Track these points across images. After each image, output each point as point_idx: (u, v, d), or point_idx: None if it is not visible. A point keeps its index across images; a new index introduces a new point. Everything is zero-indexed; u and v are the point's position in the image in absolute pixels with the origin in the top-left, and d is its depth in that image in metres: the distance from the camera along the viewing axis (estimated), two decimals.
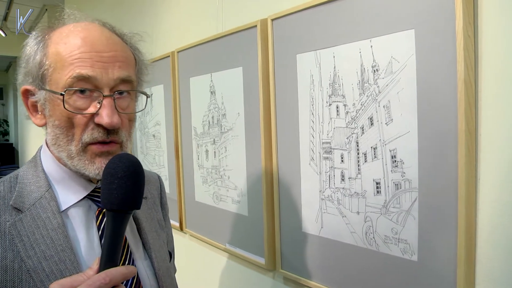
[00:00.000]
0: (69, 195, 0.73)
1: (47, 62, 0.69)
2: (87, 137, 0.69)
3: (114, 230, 0.60)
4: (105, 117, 0.67)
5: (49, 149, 0.75)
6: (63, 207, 0.72)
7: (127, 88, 0.72)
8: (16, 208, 0.68)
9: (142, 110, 0.79)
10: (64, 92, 0.67)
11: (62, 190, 0.73)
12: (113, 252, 0.59)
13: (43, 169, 0.73)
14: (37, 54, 0.70)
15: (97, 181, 0.76)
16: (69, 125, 0.69)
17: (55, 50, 0.69)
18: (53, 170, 0.74)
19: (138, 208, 0.62)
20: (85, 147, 0.69)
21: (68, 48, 0.68)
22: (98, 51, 0.68)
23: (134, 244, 0.80)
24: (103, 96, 0.68)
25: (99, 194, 0.75)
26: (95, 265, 0.59)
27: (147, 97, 0.78)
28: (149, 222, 0.86)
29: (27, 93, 0.72)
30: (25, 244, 0.65)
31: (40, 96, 0.71)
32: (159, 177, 1.02)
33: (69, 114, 0.68)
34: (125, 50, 0.74)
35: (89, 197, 0.74)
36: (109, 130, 0.69)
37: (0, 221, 0.66)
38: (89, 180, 0.74)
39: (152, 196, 0.94)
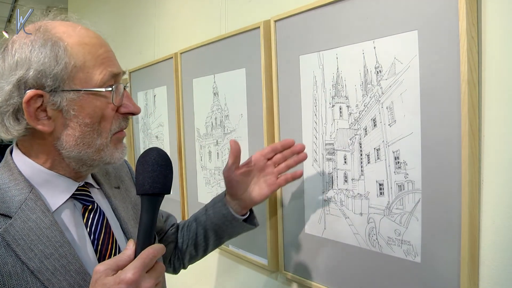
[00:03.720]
0: (54, 196, 0.73)
1: (72, 63, 0.67)
2: (116, 127, 0.74)
3: (153, 212, 0.67)
4: (134, 106, 0.76)
5: (27, 153, 0.73)
6: (52, 209, 0.72)
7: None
8: (3, 214, 0.66)
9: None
10: (113, 88, 0.71)
11: (46, 192, 0.72)
12: (150, 232, 0.67)
13: (19, 172, 0.71)
14: (50, 56, 0.66)
15: (81, 181, 0.78)
16: (99, 120, 0.71)
17: (78, 50, 0.68)
18: (33, 174, 0.72)
19: (169, 192, 0.70)
20: (111, 137, 0.74)
21: (91, 48, 0.70)
22: (109, 50, 0.74)
23: (118, 235, 0.81)
24: (124, 88, 0.75)
25: (83, 193, 0.77)
26: (132, 245, 0.65)
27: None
28: (125, 212, 0.86)
29: (32, 99, 0.66)
30: (22, 247, 0.65)
31: (57, 98, 0.67)
32: (125, 160, 1.01)
33: (103, 109, 0.71)
34: None
35: (72, 196, 0.75)
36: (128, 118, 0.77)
37: None
38: (73, 180, 0.75)
39: (123, 183, 0.93)
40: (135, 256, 0.64)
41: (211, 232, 1.02)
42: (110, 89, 0.71)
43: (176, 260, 1.07)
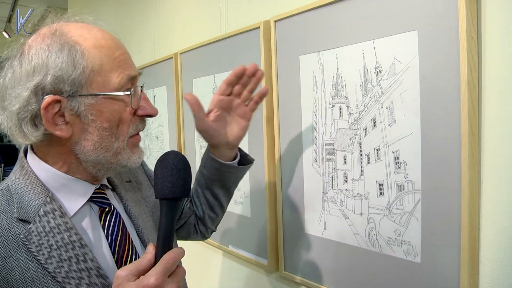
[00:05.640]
0: (72, 200, 0.72)
1: (89, 67, 0.66)
2: (133, 130, 0.74)
3: (173, 216, 0.67)
4: (151, 108, 0.76)
5: (44, 158, 0.72)
6: (70, 214, 0.71)
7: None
8: (22, 220, 0.66)
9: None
10: (132, 91, 0.71)
11: (63, 196, 0.72)
12: (170, 235, 0.66)
13: (36, 176, 0.71)
14: (68, 61, 0.65)
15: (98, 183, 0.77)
16: (117, 123, 0.71)
17: (95, 54, 0.67)
18: (50, 178, 0.71)
19: (189, 195, 0.70)
20: (127, 140, 0.73)
21: (108, 51, 0.69)
22: (125, 51, 0.73)
23: (132, 234, 0.81)
24: (141, 90, 0.74)
25: (99, 195, 0.77)
26: (152, 249, 0.65)
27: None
28: (137, 207, 0.86)
29: (50, 105, 0.66)
30: (42, 253, 0.65)
31: (75, 103, 0.67)
32: None
33: (121, 113, 0.70)
34: None
35: (89, 199, 0.75)
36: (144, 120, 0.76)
37: (11, 234, 0.64)
38: (90, 183, 0.75)
39: (135, 177, 0.93)
40: (156, 260, 0.64)
41: (217, 189, 1.02)
42: (128, 93, 0.70)
43: (202, 226, 1.09)
